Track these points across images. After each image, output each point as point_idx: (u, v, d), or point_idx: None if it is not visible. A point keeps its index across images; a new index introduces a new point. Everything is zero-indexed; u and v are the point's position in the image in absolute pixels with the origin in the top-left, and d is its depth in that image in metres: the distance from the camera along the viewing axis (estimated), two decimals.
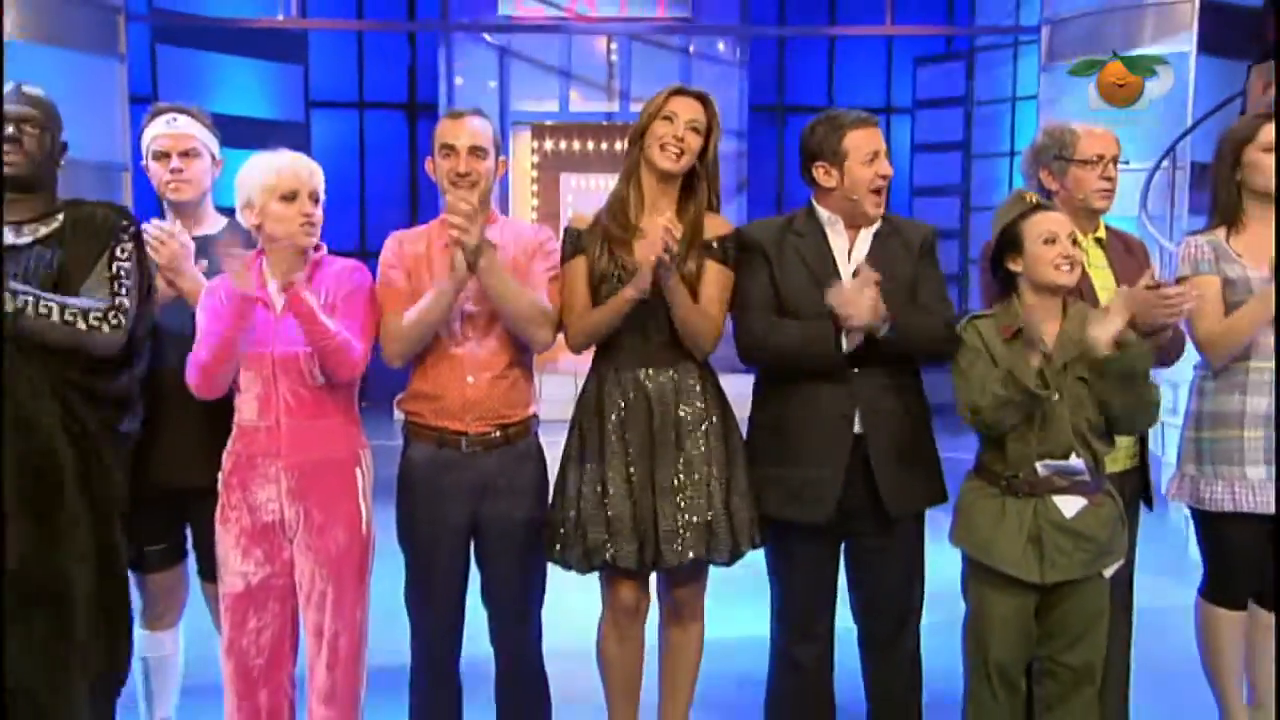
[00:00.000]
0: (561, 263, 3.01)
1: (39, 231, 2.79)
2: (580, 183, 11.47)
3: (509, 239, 2.94)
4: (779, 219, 3.08)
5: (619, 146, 3.22)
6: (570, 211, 11.20)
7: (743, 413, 3.04)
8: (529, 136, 11.62)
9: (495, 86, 11.40)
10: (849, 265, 2.94)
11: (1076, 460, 2.76)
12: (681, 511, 2.89)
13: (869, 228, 2.98)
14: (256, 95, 10.25)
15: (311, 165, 2.84)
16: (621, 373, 2.97)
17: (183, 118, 3.07)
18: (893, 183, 3.07)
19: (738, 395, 3.04)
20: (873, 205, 2.94)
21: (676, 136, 2.90)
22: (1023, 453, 2.76)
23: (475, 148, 2.91)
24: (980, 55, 11.67)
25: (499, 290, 2.83)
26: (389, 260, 2.97)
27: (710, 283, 2.95)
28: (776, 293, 2.95)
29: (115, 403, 2.84)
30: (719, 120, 2.99)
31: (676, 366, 2.95)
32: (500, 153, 3.00)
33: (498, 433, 2.93)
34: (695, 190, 2.98)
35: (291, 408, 2.80)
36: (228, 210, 3.05)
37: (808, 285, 2.91)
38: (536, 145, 11.63)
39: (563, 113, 11.67)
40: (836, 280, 2.83)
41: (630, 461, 2.92)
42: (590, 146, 11.55)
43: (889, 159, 2.96)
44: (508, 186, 11.15)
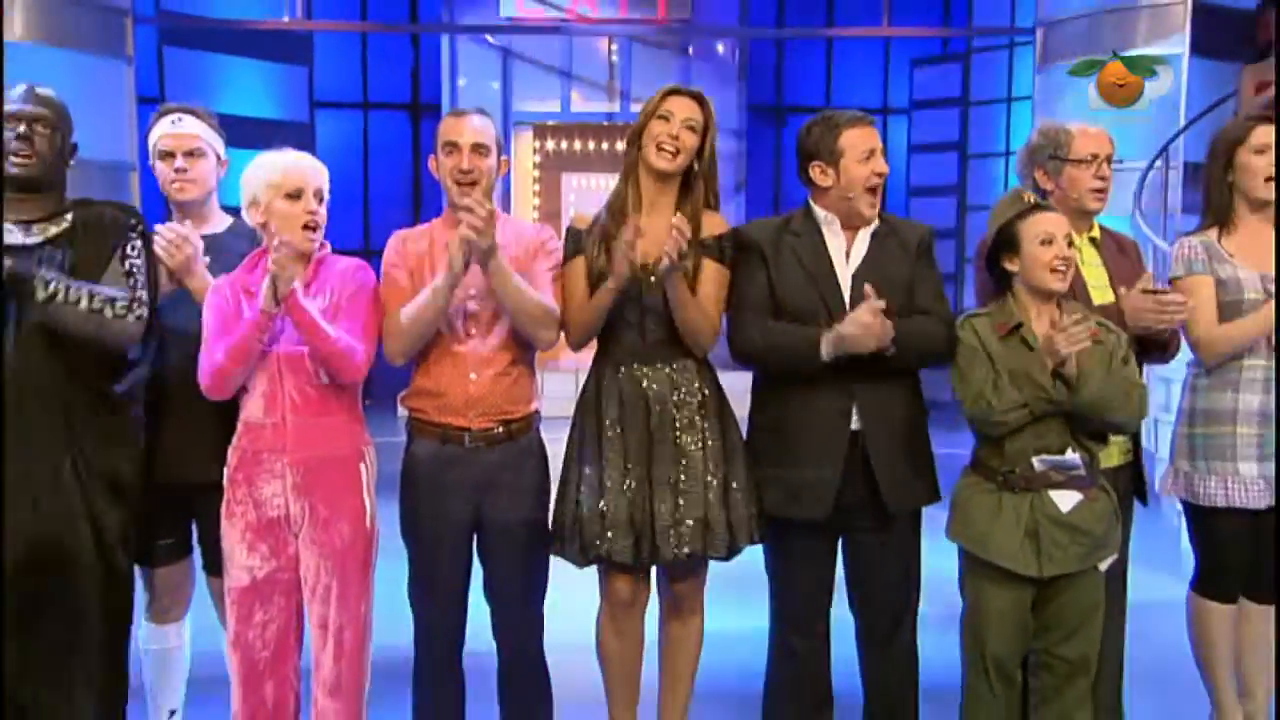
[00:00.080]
0: (563, 262, 3.01)
1: (48, 231, 2.80)
2: (581, 182, 11.47)
3: (510, 238, 2.93)
4: (776, 219, 3.07)
5: (620, 146, 3.22)
6: (572, 211, 11.22)
7: (742, 410, 3.04)
8: (531, 136, 11.62)
9: (498, 87, 11.41)
10: (846, 265, 2.94)
11: (1073, 455, 2.76)
12: (678, 508, 2.89)
13: (866, 227, 2.97)
14: (262, 96, 10.25)
15: (316, 164, 2.84)
16: (620, 370, 2.96)
17: (188, 118, 3.07)
18: (889, 183, 3.06)
19: (737, 392, 3.04)
20: (867, 205, 2.93)
21: (672, 135, 2.90)
22: (1020, 448, 2.76)
23: (478, 145, 2.91)
24: (976, 56, 11.67)
25: (506, 290, 2.83)
26: (392, 259, 2.96)
27: (707, 281, 2.94)
28: (773, 293, 2.94)
29: (120, 405, 2.85)
30: (715, 119, 2.98)
31: (675, 364, 2.95)
32: (502, 151, 2.99)
33: (500, 429, 2.93)
34: (693, 189, 2.98)
35: (297, 405, 2.79)
36: (233, 209, 3.05)
37: (804, 285, 2.91)
38: (538, 145, 11.63)
39: (564, 113, 11.67)
40: (853, 311, 2.80)
41: (628, 458, 2.92)
42: (591, 146, 11.56)
43: (885, 158, 2.95)
44: (509, 186, 11.15)
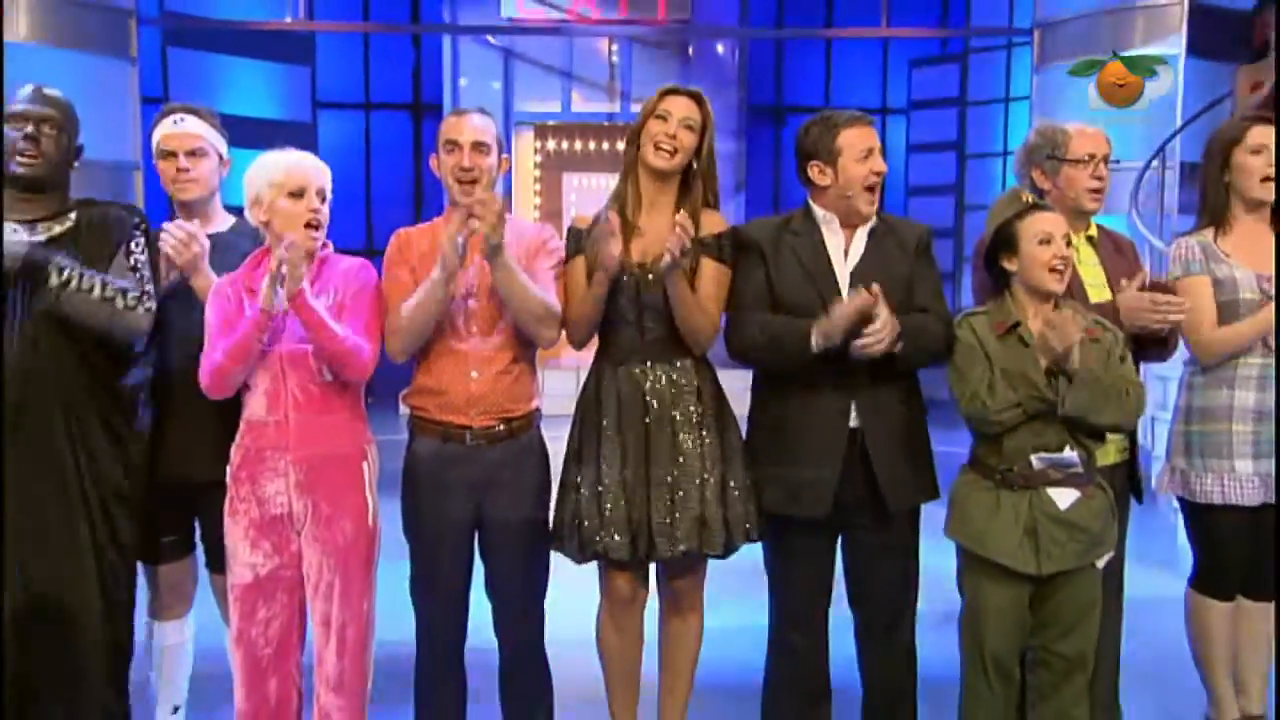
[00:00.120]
0: (565, 261, 3.01)
1: (52, 230, 2.81)
2: (582, 182, 11.47)
3: (512, 237, 2.92)
4: (776, 218, 3.07)
5: (620, 146, 3.23)
6: (572, 210, 11.23)
7: (741, 408, 3.03)
8: (532, 136, 11.62)
9: (499, 87, 11.41)
10: (845, 264, 2.93)
11: (1070, 453, 2.76)
12: (674, 506, 2.89)
13: (864, 226, 2.97)
14: (264, 96, 10.24)
15: (319, 163, 2.83)
16: (619, 368, 2.96)
17: (190, 118, 3.06)
18: (888, 182, 3.05)
19: (736, 391, 3.04)
20: (865, 203, 2.92)
21: (669, 135, 2.90)
22: (1018, 446, 2.76)
23: (478, 143, 2.91)
24: (974, 57, 11.66)
25: (511, 287, 2.83)
26: (394, 258, 2.96)
27: (706, 279, 2.94)
28: (772, 291, 2.94)
29: (125, 402, 2.85)
30: (713, 117, 2.98)
31: (673, 362, 2.95)
32: (503, 150, 2.99)
33: (501, 427, 2.93)
34: (692, 188, 2.98)
35: (300, 403, 2.79)
36: (236, 209, 3.05)
37: (803, 284, 2.91)
38: (539, 145, 11.63)
39: (565, 113, 11.67)
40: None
41: (625, 455, 2.92)
42: (592, 146, 11.55)
43: (883, 157, 2.95)
44: (511, 186, 11.15)
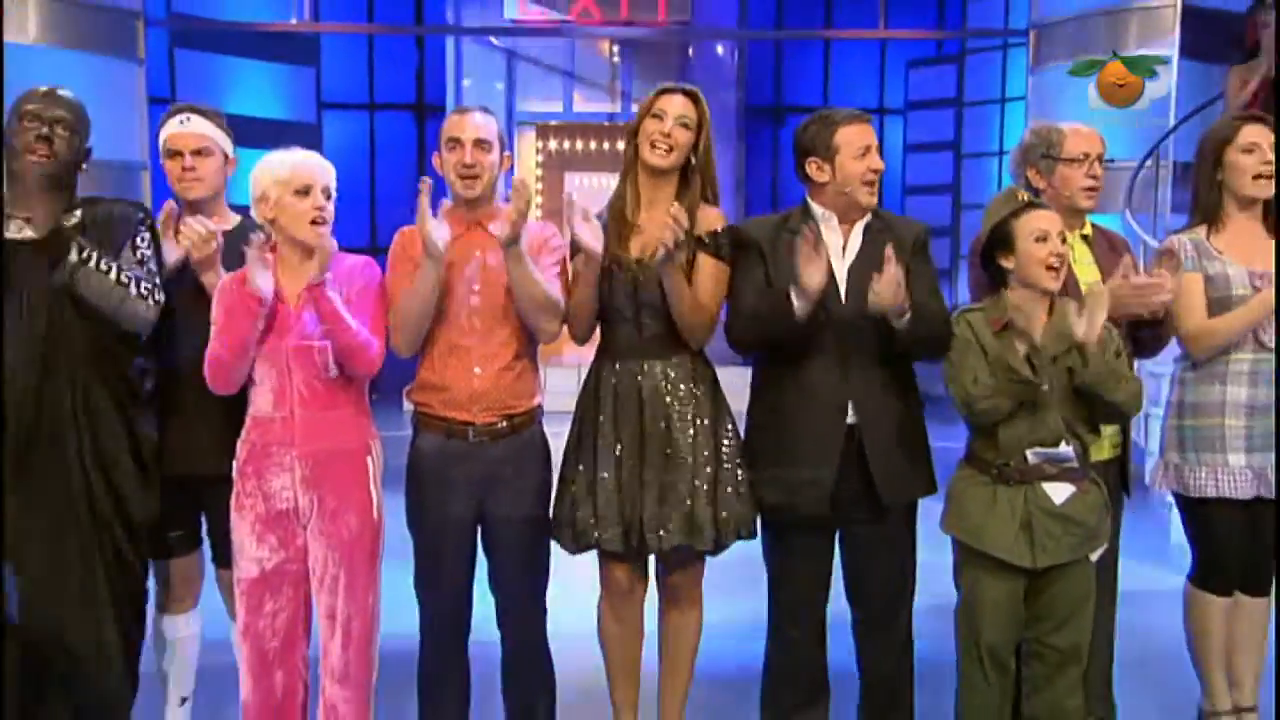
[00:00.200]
0: (570, 258, 3.01)
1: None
2: (583, 181, 11.45)
3: None
4: (775, 216, 3.06)
5: (620, 145, 3.24)
6: (564, 208, 11.20)
7: (739, 405, 3.03)
8: (533, 136, 11.60)
9: (501, 88, 11.39)
10: (842, 260, 2.93)
11: (1066, 448, 2.76)
12: (666, 501, 2.89)
13: (861, 222, 2.96)
14: (270, 97, 10.23)
15: (324, 162, 2.83)
16: (618, 364, 2.97)
17: (196, 117, 3.06)
18: (885, 182, 3.05)
19: (735, 388, 3.03)
20: (865, 194, 2.91)
21: (664, 133, 2.90)
22: (1014, 441, 2.76)
23: (480, 141, 2.91)
24: (970, 58, 11.64)
25: (523, 276, 2.83)
26: (397, 255, 2.96)
27: (703, 275, 2.93)
28: (770, 287, 2.93)
29: (134, 385, 2.85)
30: (709, 115, 2.97)
31: (670, 359, 2.95)
32: (505, 148, 2.99)
33: (504, 423, 2.93)
34: (690, 184, 2.97)
35: (305, 399, 2.79)
36: (242, 209, 3.05)
37: None
38: (541, 145, 11.61)
39: (566, 113, 11.65)
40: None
41: (621, 449, 2.92)
42: (593, 146, 11.53)
43: (880, 156, 2.94)
44: (512, 184, 11.13)
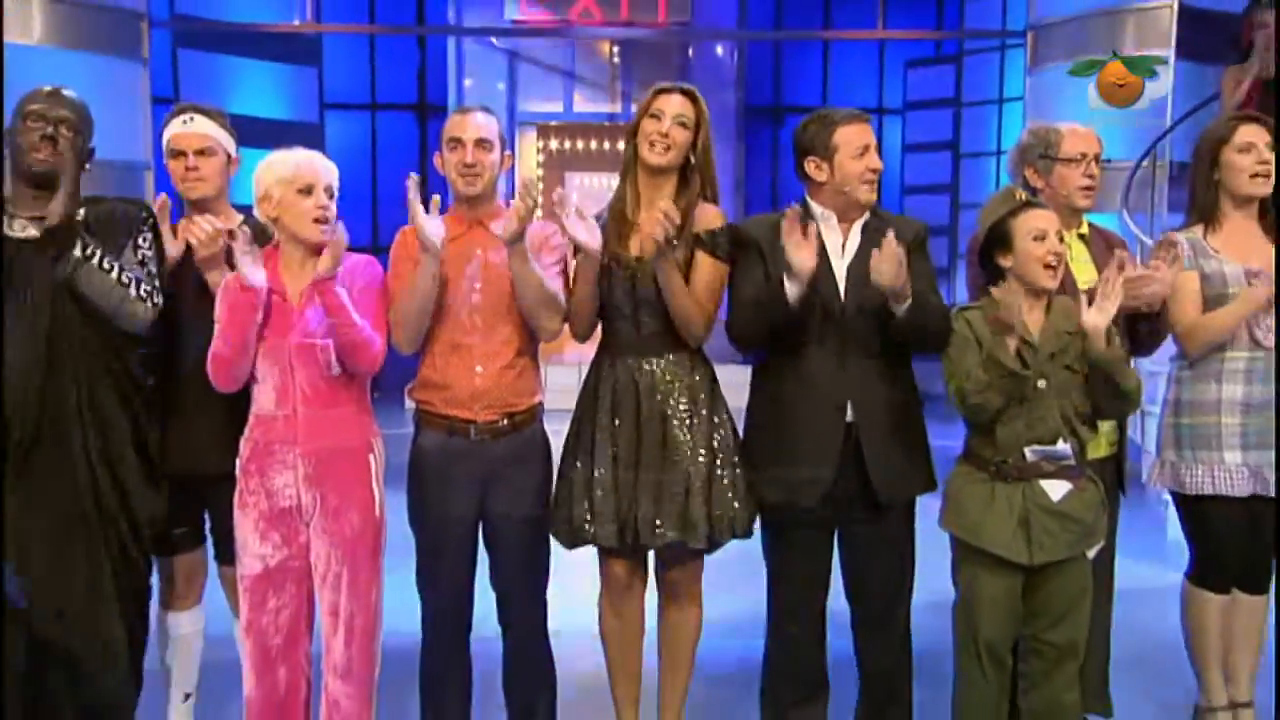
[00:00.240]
0: (572, 256, 3.01)
1: None
2: (584, 181, 11.45)
3: None
4: (773, 215, 3.05)
5: (621, 145, 3.26)
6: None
7: (738, 402, 3.03)
8: (535, 136, 11.61)
9: (503, 88, 11.40)
10: (841, 258, 2.93)
11: (1063, 445, 2.76)
12: (660, 497, 2.88)
13: (860, 221, 2.96)
14: (273, 97, 10.22)
15: (327, 161, 2.84)
16: (616, 361, 2.97)
17: (199, 117, 3.06)
18: (884, 181, 3.04)
19: (734, 386, 3.03)
20: (865, 191, 2.91)
21: (662, 133, 2.90)
22: (1012, 439, 2.76)
23: (481, 140, 2.91)
24: (968, 59, 11.65)
25: (525, 272, 2.84)
26: (398, 254, 2.96)
27: (700, 272, 2.93)
28: (767, 282, 2.94)
29: (138, 379, 2.85)
30: (707, 113, 2.97)
31: (668, 356, 2.94)
32: (506, 147, 2.99)
33: (505, 421, 2.93)
34: (689, 182, 2.97)
35: (308, 397, 2.79)
36: (245, 208, 3.05)
37: None
38: (542, 145, 11.62)
39: (567, 113, 11.66)
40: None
41: (618, 446, 2.92)
42: (593, 146, 11.54)
43: (879, 155, 2.94)
44: (514, 184, 11.14)
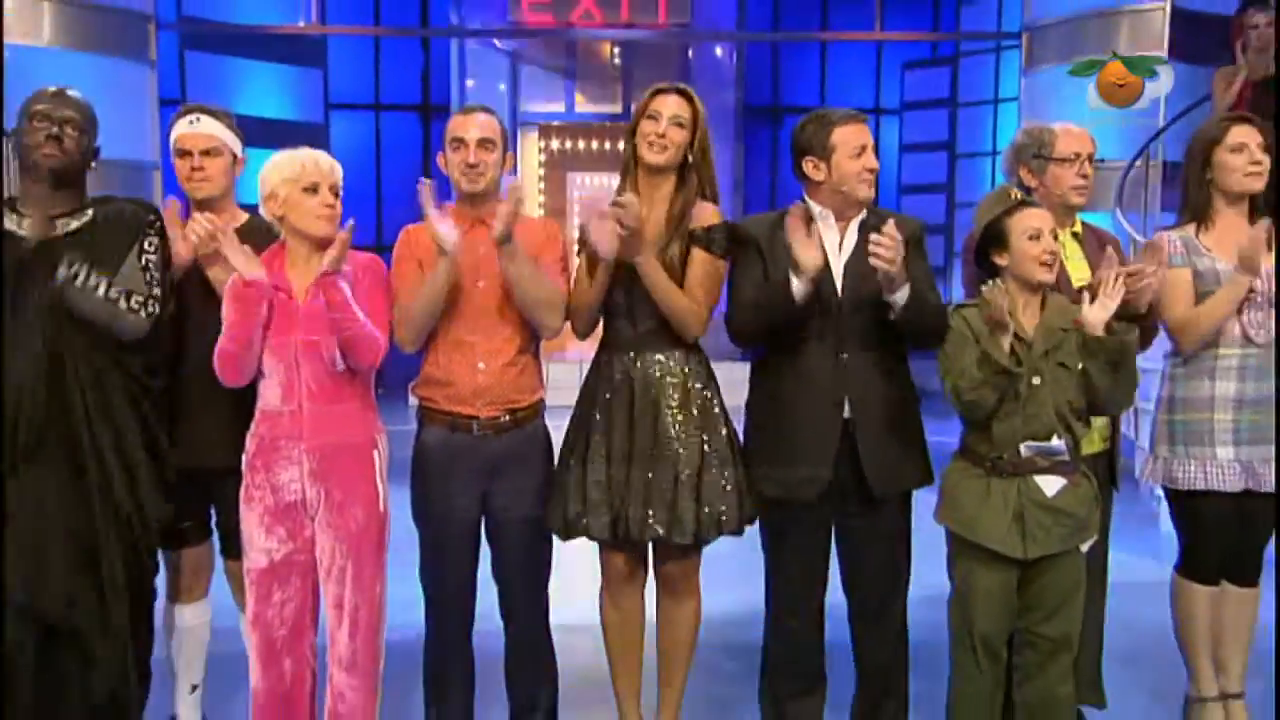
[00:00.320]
0: (578, 255, 3.01)
1: (69, 225, 2.81)
2: (585, 180, 11.45)
3: (517, 232, 2.93)
4: (772, 214, 3.06)
5: (622, 146, 3.27)
6: (576, 207, 11.23)
7: (736, 399, 3.03)
8: (536, 136, 11.60)
9: (505, 89, 11.39)
10: (839, 256, 2.93)
11: (1058, 442, 2.76)
12: (649, 492, 2.88)
13: (857, 219, 2.95)
14: (279, 98, 10.22)
15: (332, 161, 2.83)
16: (614, 358, 2.97)
17: (205, 118, 3.06)
18: (881, 181, 3.05)
19: (735, 382, 3.03)
20: (864, 189, 2.90)
21: (659, 133, 2.90)
22: (1007, 435, 2.76)
23: (484, 140, 2.91)
24: (964, 60, 11.65)
25: (519, 275, 2.83)
26: (401, 252, 2.97)
27: (695, 269, 2.92)
28: (768, 283, 2.93)
29: (144, 388, 2.85)
30: (703, 113, 2.96)
31: (663, 352, 2.94)
32: (508, 147, 2.99)
33: (507, 417, 2.93)
34: (686, 181, 2.96)
35: (313, 393, 2.79)
36: (251, 207, 3.05)
37: None
38: (543, 145, 11.61)
39: (569, 114, 11.65)
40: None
41: (612, 440, 2.92)
42: (594, 146, 11.53)
43: (876, 155, 2.94)
44: (508, 186, 11.13)
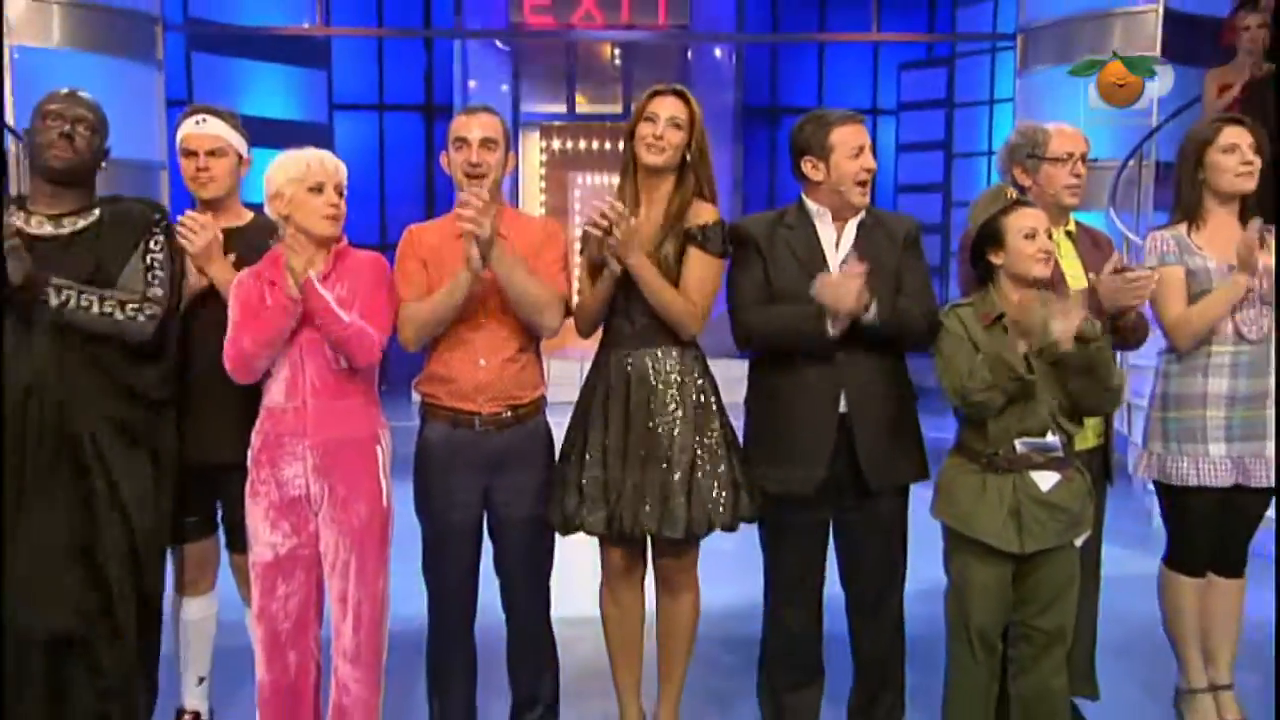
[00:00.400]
0: (580, 257, 3.01)
1: (77, 224, 2.81)
2: (586, 180, 11.44)
3: (518, 231, 2.94)
4: (771, 213, 3.06)
5: (622, 146, 3.26)
6: (577, 206, 11.23)
7: (734, 396, 3.03)
8: (538, 136, 11.59)
9: (507, 89, 11.37)
10: (837, 255, 2.93)
11: (1052, 438, 2.76)
12: (642, 487, 2.88)
13: (855, 219, 2.96)
14: (283, 98, 10.20)
15: (337, 161, 2.83)
16: (612, 354, 2.97)
17: (211, 119, 3.06)
18: (878, 180, 3.05)
19: (730, 379, 3.03)
20: (858, 195, 2.91)
21: (657, 135, 2.89)
22: (1003, 431, 2.76)
23: (486, 140, 2.91)
24: (960, 61, 11.62)
25: (511, 279, 2.83)
26: (404, 252, 2.96)
27: (691, 267, 2.92)
28: (769, 283, 2.94)
29: (153, 402, 2.85)
30: (700, 113, 2.96)
31: (660, 349, 2.93)
32: (510, 147, 2.99)
33: (509, 413, 2.93)
34: (684, 181, 2.96)
35: (317, 389, 2.79)
36: (256, 206, 3.04)
37: (798, 275, 2.90)
38: (545, 145, 11.59)
39: (570, 114, 11.63)
40: (824, 273, 2.82)
41: (608, 436, 2.92)
42: (595, 146, 11.51)
43: (873, 155, 2.94)
44: (518, 184, 11.13)
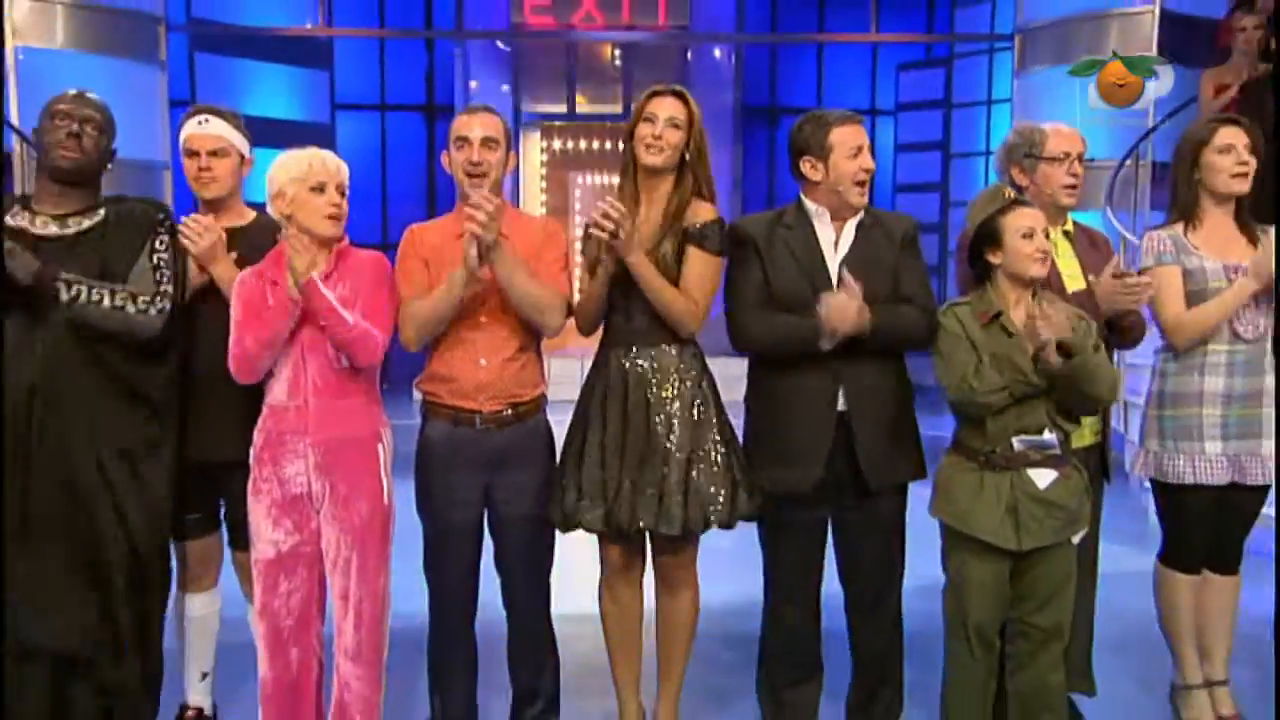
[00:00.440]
0: (582, 256, 3.01)
1: (82, 224, 2.82)
2: (586, 180, 11.43)
3: (518, 231, 2.93)
4: (770, 213, 3.06)
5: (622, 146, 3.26)
6: (578, 206, 11.22)
7: (734, 394, 3.03)
8: (539, 136, 11.58)
9: (507, 89, 11.37)
10: (835, 255, 2.93)
11: (1050, 435, 2.76)
12: (639, 484, 2.88)
13: (853, 219, 2.96)
14: (286, 98, 10.20)
15: (339, 160, 2.83)
16: (611, 353, 2.97)
17: (214, 119, 3.05)
18: (876, 180, 3.04)
19: (729, 377, 3.03)
20: (856, 195, 2.91)
21: (655, 135, 2.89)
22: (1001, 429, 2.76)
23: (488, 139, 2.90)
24: (958, 62, 11.61)
25: (512, 280, 2.83)
26: (406, 251, 2.96)
27: (690, 266, 2.91)
28: (767, 282, 2.93)
29: (155, 406, 2.85)
30: (699, 113, 2.96)
31: (657, 347, 2.93)
32: (511, 146, 2.98)
33: (509, 411, 2.93)
34: (683, 180, 2.96)
35: (319, 388, 2.79)
36: (259, 206, 3.04)
37: (796, 275, 2.90)
38: (545, 144, 11.59)
39: (570, 114, 11.63)
40: (826, 292, 2.80)
41: (606, 433, 2.92)
42: (596, 145, 11.51)
43: (872, 155, 2.94)
44: (519, 184, 11.13)
